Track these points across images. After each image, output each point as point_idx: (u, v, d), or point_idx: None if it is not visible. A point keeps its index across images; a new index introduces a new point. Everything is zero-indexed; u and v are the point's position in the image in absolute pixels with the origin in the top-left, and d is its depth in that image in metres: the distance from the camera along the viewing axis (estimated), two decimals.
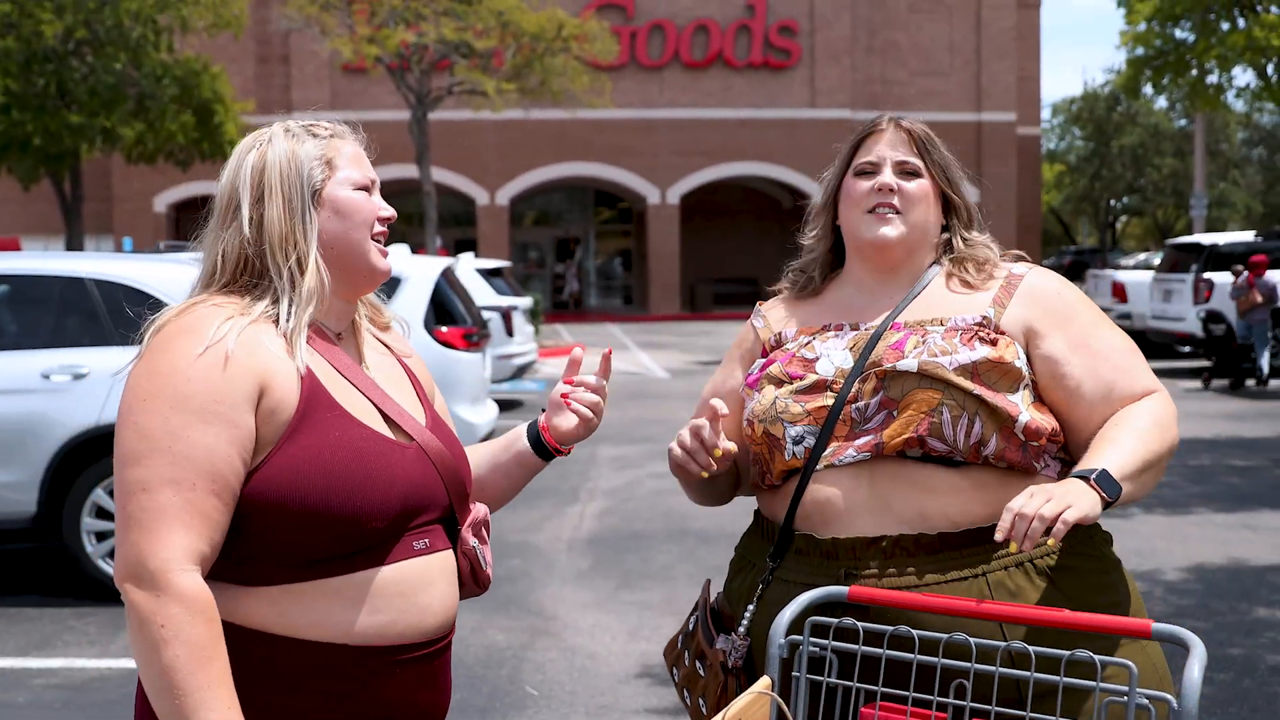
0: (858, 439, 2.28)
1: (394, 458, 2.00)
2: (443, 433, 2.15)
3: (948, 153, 2.49)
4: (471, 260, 18.43)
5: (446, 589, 2.07)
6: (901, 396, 2.26)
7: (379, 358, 2.19)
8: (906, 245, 2.43)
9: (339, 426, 1.97)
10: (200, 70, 24.43)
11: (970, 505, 2.24)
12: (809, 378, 2.35)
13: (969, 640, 1.99)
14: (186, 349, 1.93)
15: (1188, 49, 23.00)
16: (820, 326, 2.46)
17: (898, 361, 2.28)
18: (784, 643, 2.12)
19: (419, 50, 25.53)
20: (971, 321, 2.34)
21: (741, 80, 38.54)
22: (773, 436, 2.34)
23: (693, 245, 40.01)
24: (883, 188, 2.41)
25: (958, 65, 40.08)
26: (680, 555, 8.02)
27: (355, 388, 2.06)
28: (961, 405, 2.23)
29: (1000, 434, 2.24)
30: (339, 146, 2.12)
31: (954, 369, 2.25)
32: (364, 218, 2.09)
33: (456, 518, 2.14)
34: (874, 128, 2.49)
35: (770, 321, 2.58)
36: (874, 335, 2.36)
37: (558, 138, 37.10)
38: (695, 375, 20.31)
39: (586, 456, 12.04)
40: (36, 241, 33.76)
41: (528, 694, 5.43)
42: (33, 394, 7.08)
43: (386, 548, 1.98)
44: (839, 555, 2.27)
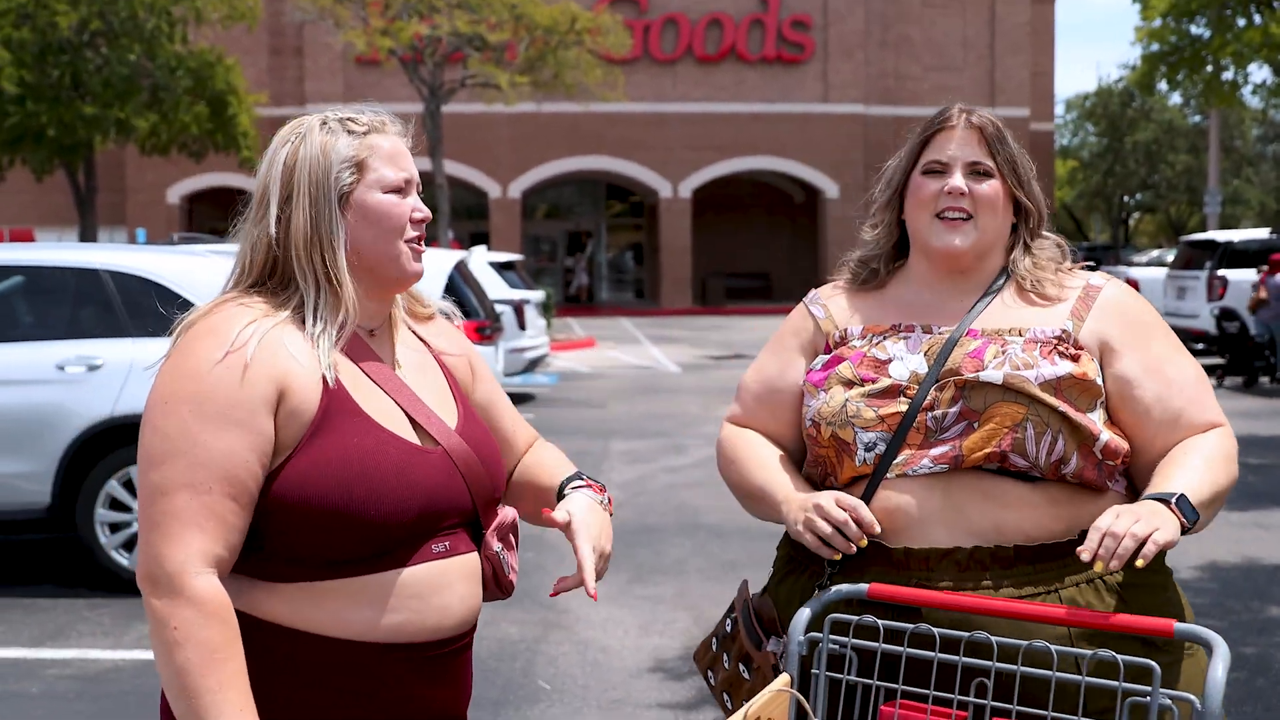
0: (933, 448, 2.23)
1: (415, 462, 1.99)
2: (474, 433, 2.13)
3: (1017, 148, 2.39)
4: (484, 253, 18.44)
5: (466, 591, 2.07)
6: (984, 408, 2.21)
7: (413, 355, 2.17)
8: (977, 251, 2.36)
9: (359, 431, 1.96)
10: (214, 62, 24.48)
11: (1045, 521, 2.21)
12: (882, 381, 2.29)
13: (990, 639, 1.98)
14: (208, 352, 1.93)
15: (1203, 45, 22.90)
16: (889, 326, 2.38)
17: (980, 372, 2.23)
18: (803, 640, 2.11)
19: (432, 43, 25.52)
20: (1051, 334, 2.29)
21: (754, 74, 38.49)
22: (842, 441, 2.28)
23: (704, 239, 39.99)
24: (953, 191, 2.32)
25: (971, 60, 39.99)
26: (692, 549, 8.02)
27: (382, 390, 2.05)
28: (1046, 422, 2.19)
29: (1080, 452, 2.22)
30: (375, 144, 2.07)
31: (1039, 384, 2.21)
32: (394, 224, 2.05)
33: (481, 521, 2.13)
34: (944, 123, 2.38)
35: (833, 313, 2.48)
36: (949, 341, 2.30)
37: (570, 131, 37.10)
38: (706, 369, 20.30)
39: (599, 450, 12.04)
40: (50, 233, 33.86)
41: (540, 688, 5.43)
42: (47, 385, 7.09)
43: (406, 550, 1.98)
44: (910, 565, 2.22)
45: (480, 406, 2.28)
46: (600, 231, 43.28)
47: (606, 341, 26.36)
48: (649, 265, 42.23)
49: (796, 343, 2.50)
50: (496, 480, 2.14)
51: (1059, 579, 2.19)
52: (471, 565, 2.09)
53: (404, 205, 2.07)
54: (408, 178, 2.08)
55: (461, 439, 2.09)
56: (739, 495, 2.49)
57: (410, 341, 2.19)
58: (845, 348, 2.39)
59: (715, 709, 5.21)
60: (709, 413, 14.87)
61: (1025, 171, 2.38)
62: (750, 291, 41.17)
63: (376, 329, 2.13)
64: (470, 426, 2.14)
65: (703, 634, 6.25)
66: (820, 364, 2.40)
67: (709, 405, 15.57)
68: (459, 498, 2.06)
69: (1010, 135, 2.39)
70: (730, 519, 8.85)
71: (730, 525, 8.64)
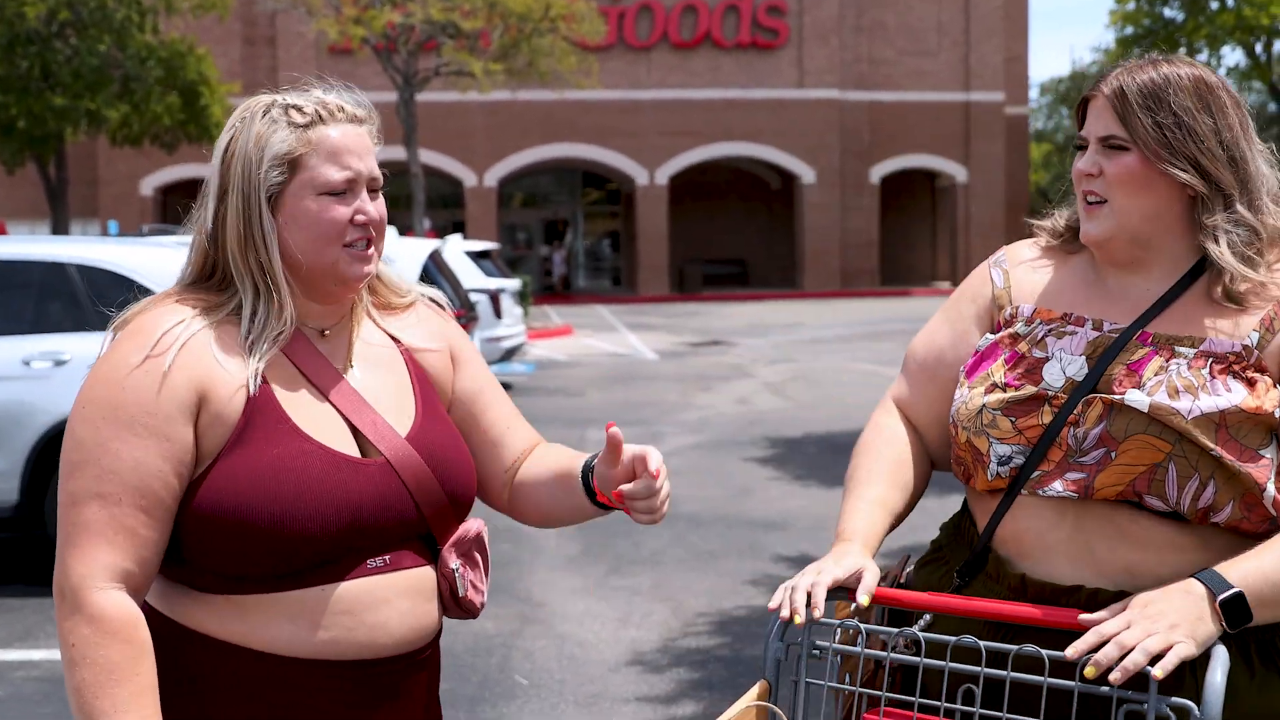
0: (1069, 472, 1.95)
1: (343, 474, 1.87)
2: (432, 439, 1.99)
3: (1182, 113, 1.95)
4: (459, 242, 18.34)
5: (408, 608, 1.94)
6: (1124, 437, 1.91)
7: (375, 352, 2.04)
8: (1128, 236, 2.00)
9: (281, 441, 1.85)
10: (185, 52, 24.26)
11: (1188, 569, 1.88)
12: (1026, 389, 2.00)
13: (978, 643, 1.85)
14: (127, 356, 1.85)
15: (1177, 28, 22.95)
16: (1059, 315, 2.05)
17: (1127, 394, 1.91)
18: (780, 644, 2.00)
19: (406, 31, 25.37)
20: (1228, 349, 1.93)
21: (729, 60, 38.41)
22: (976, 450, 2.03)
23: (681, 226, 39.93)
24: (1078, 174, 2.03)
25: (945, 45, 39.99)
26: (671, 540, 7.96)
27: (322, 395, 1.94)
28: (1193, 465, 1.88)
29: (1240, 502, 1.89)
30: (318, 137, 1.91)
31: (1193, 419, 1.87)
32: (325, 231, 1.90)
33: (435, 535, 2.00)
34: (1089, 91, 2.05)
35: (1012, 282, 2.15)
36: (1116, 344, 1.98)
37: (545, 119, 36.97)
38: (684, 356, 20.26)
39: (576, 439, 11.97)
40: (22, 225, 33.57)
41: (517, 683, 5.37)
42: (13, 381, 6.98)
43: (336, 565, 1.87)
44: (1026, 594, 1.98)
45: (463, 397, 2.14)
46: (577, 219, 43.17)
47: (584, 329, 26.29)
48: (626, 253, 42.16)
49: (974, 310, 2.18)
50: (458, 491, 2.01)
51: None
52: (418, 580, 1.96)
53: (339, 210, 1.92)
54: (351, 176, 1.93)
55: (411, 447, 1.96)
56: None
57: (374, 338, 2.06)
58: (1006, 335, 2.09)
59: (694, 704, 5.16)
60: (687, 400, 14.82)
61: (1198, 134, 1.95)
62: (727, 278, 41.14)
63: (330, 328, 2.01)
64: (428, 432, 2.00)
65: (681, 625, 6.21)
66: (983, 346, 2.11)
67: (686, 393, 15.52)
68: (403, 511, 1.93)
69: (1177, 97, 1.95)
70: (708, 508, 8.81)
71: (709, 514, 8.59)
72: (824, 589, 1.94)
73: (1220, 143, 1.95)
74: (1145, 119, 1.95)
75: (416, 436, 1.98)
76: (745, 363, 19.09)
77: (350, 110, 1.97)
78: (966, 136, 39.76)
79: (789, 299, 37.00)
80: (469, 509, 2.06)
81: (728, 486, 9.69)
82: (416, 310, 2.14)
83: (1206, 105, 1.96)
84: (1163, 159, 1.94)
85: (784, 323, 27.42)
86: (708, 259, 40.85)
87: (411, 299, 2.14)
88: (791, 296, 37.73)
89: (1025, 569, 2.00)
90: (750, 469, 10.42)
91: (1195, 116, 1.95)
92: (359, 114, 1.98)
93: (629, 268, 41.30)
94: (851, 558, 2.01)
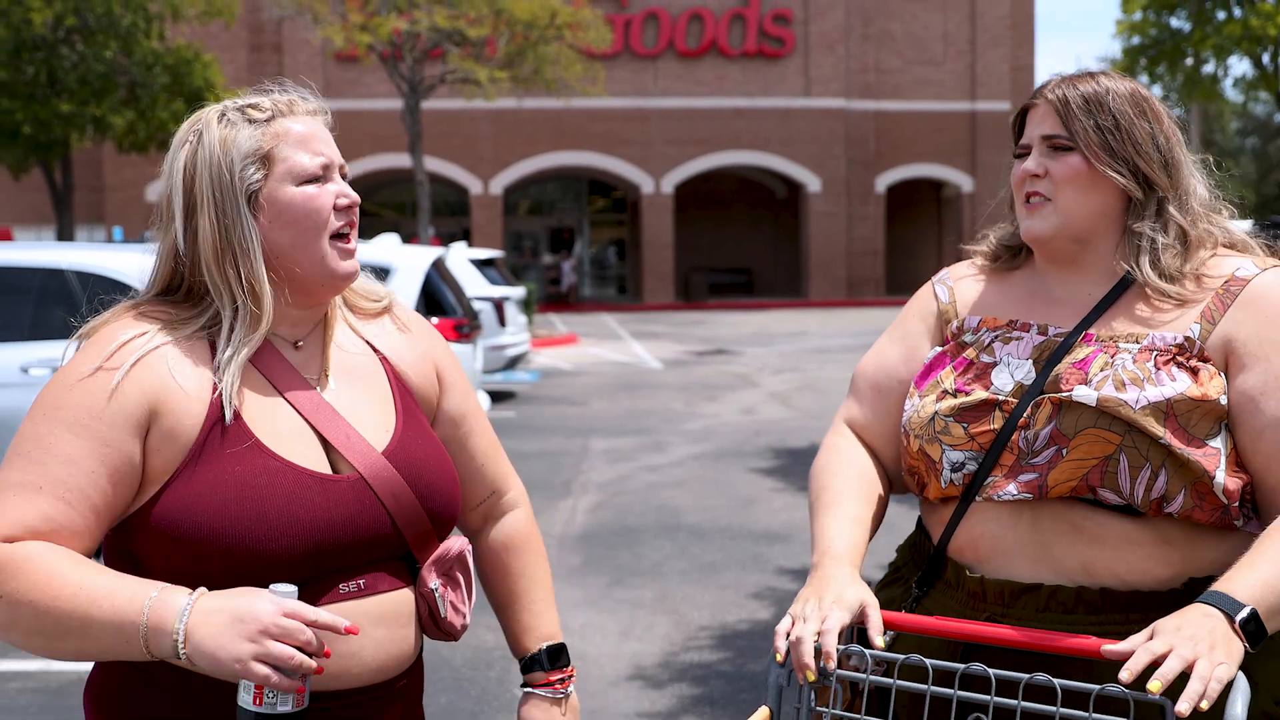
0: (1021, 474, 1.96)
1: (311, 493, 1.78)
2: (413, 453, 1.90)
3: (1121, 118, 2.01)
4: (464, 250, 18.31)
5: (384, 635, 1.85)
6: (1074, 433, 1.92)
7: (351, 360, 1.95)
8: (1070, 235, 2.04)
9: (244, 458, 1.77)
10: (192, 59, 24.27)
11: (1147, 564, 1.92)
12: (976, 394, 2.02)
13: (987, 671, 1.78)
14: (81, 365, 1.80)
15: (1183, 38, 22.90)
16: (1005, 322, 2.09)
17: (1075, 390, 1.93)
18: (782, 670, 1.93)
19: (411, 38, 25.35)
20: (1171, 342, 1.96)
21: (736, 69, 38.39)
22: (929, 458, 2.04)
23: (686, 235, 39.91)
24: (1023, 175, 2.06)
25: (952, 54, 39.96)
26: (673, 551, 7.90)
27: (294, 409, 1.86)
28: (1144, 455, 1.89)
29: (1191, 491, 1.90)
30: (282, 130, 1.85)
31: (1140, 408, 1.89)
32: (314, 220, 1.84)
33: (415, 555, 1.91)
34: (1030, 99, 2.11)
35: (957, 297, 2.19)
36: (1061, 347, 2.01)
37: (551, 127, 36.96)
38: (689, 366, 20.20)
39: (579, 449, 11.92)
40: (28, 231, 33.62)
41: (516, 696, 5.29)
42: (11, 388, 6.94)
43: (303, 591, 1.76)
44: (986, 598, 1.99)
45: (447, 422, 2.06)
46: (583, 227, 43.14)
47: (588, 338, 26.24)
48: (631, 261, 42.13)
49: (923, 326, 2.21)
50: (440, 507, 1.92)
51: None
52: (395, 605, 1.87)
53: (324, 194, 1.85)
54: (325, 162, 1.87)
55: (389, 462, 1.87)
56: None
57: (351, 345, 1.97)
58: (954, 345, 2.13)
59: (695, 718, 5.10)
60: (691, 409, 14.77)
61: (1124, 139, 2.01)
62: (733, 287, 41.10)
63: (304, 339, 1.93)
64: (409, 445, 1.91)
65: (683, 639, 6.15)
66: (930, 357, 2.15)
67: (691, 402, 15.46)
68: (378, 530, 1.84)
69: (1116, 102, 2.02)
70: (711, 519, 8.75)
71: (711, 526, 8.53)
72: (834, 637, 1.86)
73: (1156, 147, 2.02)
74: (1087, 121, 2.01)
75: (395, 450, 1.89)
76: (750, 372, 19.03)
77: (304, 104, 1.92)
78: (972, 146, 39.72)
79: (794, 308, 36.94)
80: (451, 526, 1.98)
81: (731, 497, 9.62)
82: (401, 322, 2.06)
83: (1143, 112, 2.03)
84: (1103, 161, 2.01)
85: (789, 332, 27.36)
86: (713, 268, 40.81)
87: (386, 303, 2.06)
88: (797, 305, 37.68)
89: (984, 573, 2.00)
90: (754, 480, 10.36)
91: (1133, 122, 2.02)
92: (313, 105, 1.93)
93: (634, 276, 41.27)
94: (852, 590, 1.93)
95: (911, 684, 1.87)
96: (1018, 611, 1.96)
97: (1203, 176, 2.10)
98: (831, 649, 1.84)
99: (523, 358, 17.59)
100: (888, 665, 1.91)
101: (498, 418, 13.74)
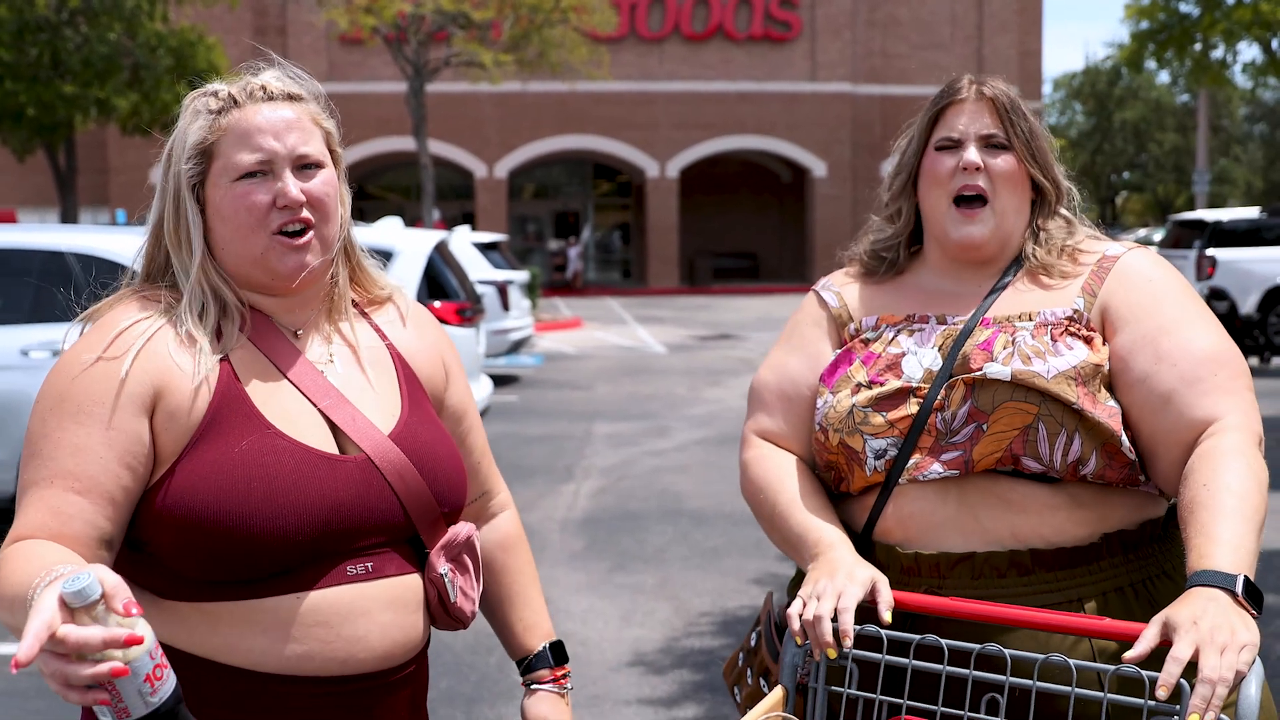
0: (944, 453, 2.04)
1: (319, 472, 1.77)
2: (421, 436, 1.89)
3: (1034, 122, 2.18)
4: (467, 234, 18.26)
5: (392, 620, 1.82)
6: (992, 408, 2.01)
7: (359, 347, 1.94)
8: (1001, 235, 2.15)
9: (250, 435, 1.76)
10: (195, 41, 24.20)
11: (1067, 525, 2.03)
12: (889, 383, 2.09)
13: (1003, 651, 1.81)
14: (83, 351, 1.78)
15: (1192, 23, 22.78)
16: (903, 317, 2.18)
17: (987, 366, 2.03)
18: (798, 650, 1.94)
19: (416, 21, 25.27)
20: (1061, 316, 2.09)
21: (741, 53, 38.26)
22: (850, 449, 2.09)
23: (691, 219, 39.83)
24: (968, 166, 2.12)
25: (959, 39, 39.80)
26: (675, 537, 7.88)
27: (298, 389, 1.84)
28: (1060, 421, 1.99)
29: (1101, 452, 2.01)
30: (230, 122, 1.82)
31: (1052, 378, 2.00)
32: (246, 219, 1.81)
33: (424, 539, 1.89)
34: (954, 96, 2.19)
35: (846, 301, 2.27)
36: (962, 332, 2.10)
37: (556, 110, 36.87)
38: (694, 350, 20.16)
39: (582, 433, 11.89)
40: (32, 214, 33.59)
41: (516, 682, 5.27)
42: (12, 371, 6.93)
43: (310, 572, 1.76)
44: (921, 572, 2.06)
45: (449, 416, 2.06)
46: (588, 211, 43.05)
47: (593, 322, 26.21)
48: (636, 245, 42.06)
49: (819, 332, 2.27)
50: (447, 491, 1.90)
51: (1082, 587, 2.01)
52: (403, 590, 1.85)
53: (257, 195, 1.81)
54: (264, 158, 1.81)
55: (396, 445, 1.85)
56: (765, 527, 2.22)
57: (357, 331, 1.96)
58: (858, 342, 2.18)
59: (696, 705, 5.08)
60: (695, 394, 14.74)
61: (1042, 145, 2.18)
62: (737, 271, 41.03)
63: (305, 326, 1.92)
64: (416, 429, 1.90)
65: (684, 625, 6.13)
66: (834, 356, 2.20)
67: (695, 386, 15.43)
68: (386, 512, 1.82)
69: (1028, 110, 2.19)
70: (713, 504, 8.72)
71: (713, 511, 8.50)
72: (852, 615, 1.89)
73: (1049, 150, 2.19)
74: (1020, 123, 2.15)
75: (401, 433, 1.88)
76: (755, 357, 18.98)
77: (273, 88, 1.86)
78: None
79: (799, 292, 36.86)
80: (459, 513, 1.96)
81: (733, 483, 9.58)
82: (408, 312, 2.05)
83: (1035, 121, 2.20)
84: (1033, 163, 2.16)
85: None
86: (718, 252, 40.74)
87: (386, 293, 2.04)
88: (802, 290, 37.59)
89: (916, 548, 2.06)
90: None
91: (1036, 127, 2.18)
92: (288, 91, 1.87)
93: (639, 260, 41.20)
94: (862, 569, 1.97)
95: (928, 664, 1.89)
96: (954, 581, 2.03)
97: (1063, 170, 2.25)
98: (849, 627, 1.87)
99: (526, 342, 17.56)
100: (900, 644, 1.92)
101: (501, 402, 13.71)
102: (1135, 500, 2.07)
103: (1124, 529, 2.05)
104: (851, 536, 2.12)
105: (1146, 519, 2.08)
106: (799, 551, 2.09)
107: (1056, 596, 2.01)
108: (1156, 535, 2.09)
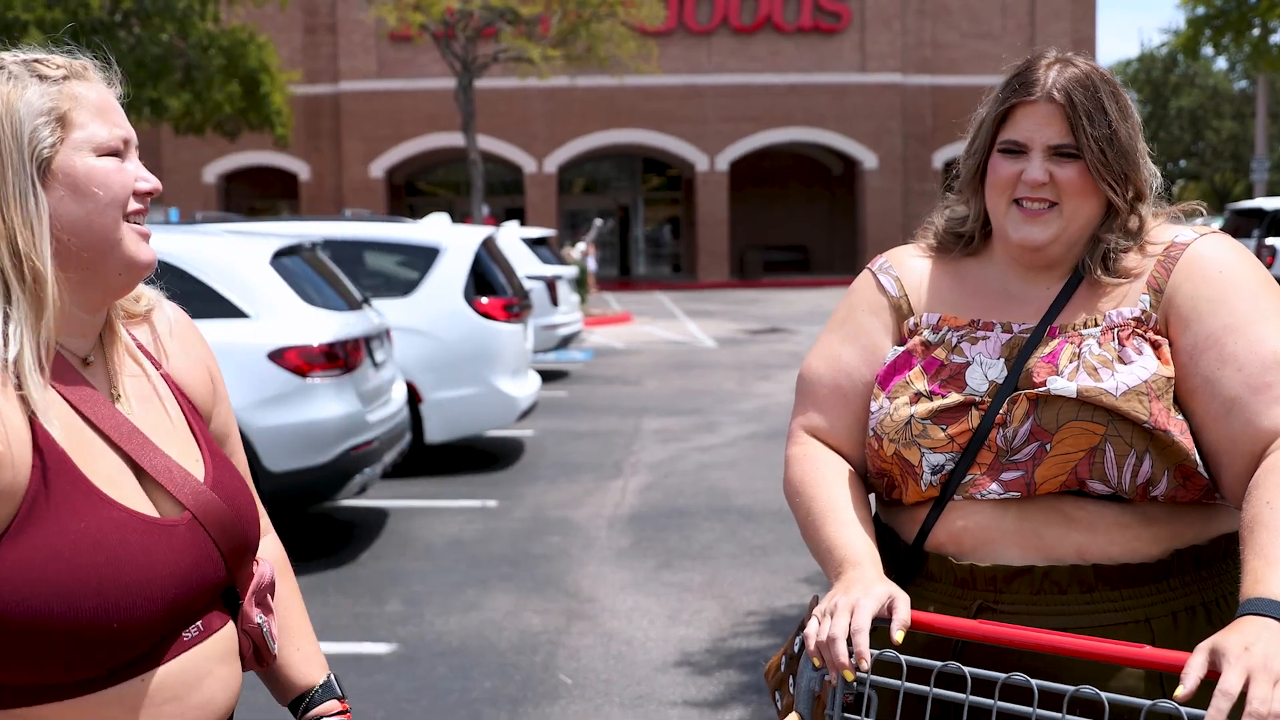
0: (1004, 472, 1.93)
1: (158, 546, 1.54)
2: (226, 479, 1.69)
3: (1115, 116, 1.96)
4: (515, 229, 18.26)
5: (227, 673, 1.67)
6: (1056, 427, 1.89)
7: (138, 380, 1.68)
8: (1067, 240, 2.00)
9: (85, 511, 1.49)
10: (246, 40, 24.38)
11: (1136, 544, 1.91)
12: (951, 396, 1.98)
13: (1029, 681, 1.68)
14: None
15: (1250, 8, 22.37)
16: (966, 322, 2.04)
17: (1051, 381, 1.91)
18: (814, 675, 1.84)
19: (464, 17, 25.33)
20: (1129, 316, 1.95)
21: (790, 45, 38.06)
22: (906, 462, 1.98)
23: (741, 212, 39.69)
24: (1030, 182, 1.97)
25: (1010, 28, 39.35)
26: (723, 534, 7.81)
27: (108, 441, 1.58)
28: (1129, 442, 1.87)
29: (1175, 473, 1.88)
30: (79, 93, 1.57)
31: (1121, 395, 1.87)
32: (113, 195, 1.57)
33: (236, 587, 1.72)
34: (1025, 95, 1.99)
35: (907, 290, 2.12)
36: (1029, 343, 1.98)
37: (605, 105, 36.84)
38: (743, 344, 20.07)
39: (630, 429, 11.84)
40: None
41: (561, 682, 5.24)
42: None
43: (153, 651, 1.56)
44: (976, 585, 1.95)
45: (216, 435, 1.82)
46: (637, 206, 43.00)
47: (643, 316, 26.16)
48: (686, 239, 41.97)
49: (877, 323, 2.12)
50: (252, 535, 1.71)
51: (1150, 607, 1.90)
52: (229, 640, 1.69)
53: (125, 172, 1.59)
54: (125, 137, 1.61)
55: (214, 494, 1.64)
56: (800, 531, 2.10)
57: (133, 356, 1.70)
58: (919, 344, 2.06)
59: (743, 707, 5.01)
60: (745, 389, 14.65)
61: (1125, 147, 1.98)
62: (788, 265, 40.85)
63: (92, 354, 1.64)
64: (221, 473, 1.69)
65: (731, 624, 6.06)
66: (893, 356, 2.07)
67: (745, 381, 15.35)
68: (216, 572, 1.63)
69: (1112, 103, 1.98)
70: (761, 501, 8.64)
71: (762, 508, 8.42)
72: (866, 635, 1.77)
73: (1135, 149, 2.00)
74: (1093, 131, 1.95)
75: (216, 481, 1.67)
76: (805, 350, 18.84)
77: (96, 71, 1.64)
78: None
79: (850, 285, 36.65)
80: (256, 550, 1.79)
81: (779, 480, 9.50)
82: (170, 324, 1.79)
83: (1122, 110, 1.99)
84: (1102, 177, 1.97)
85: None
86: (768, 245, 40.58)
87: (148, 305, 1.77)
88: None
89: (971, 560, 1.97)
90: None
91: (1118, 126, 1.97)
92: (105, 75, 1.65)
93: (689, 254, 41.12)
94: (880, 585, 1.85)
95: (950, 693, 1.77)
96: (1010, 596, 1.93)
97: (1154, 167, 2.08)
98: (864, 649, 1.76)
99: (575, 337, 17.53)
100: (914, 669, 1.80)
101: (549, 398, 13.69)
102: (1208, 514, 1.96)
103: (1196, 544, 1.94)
104: (903, 547, 2.05)
105: (1221, 533, 1.96)
106: (825, 565, 1.99)
107: (1122, 616, 1.89)
108: (1231, 551, 1.94)
